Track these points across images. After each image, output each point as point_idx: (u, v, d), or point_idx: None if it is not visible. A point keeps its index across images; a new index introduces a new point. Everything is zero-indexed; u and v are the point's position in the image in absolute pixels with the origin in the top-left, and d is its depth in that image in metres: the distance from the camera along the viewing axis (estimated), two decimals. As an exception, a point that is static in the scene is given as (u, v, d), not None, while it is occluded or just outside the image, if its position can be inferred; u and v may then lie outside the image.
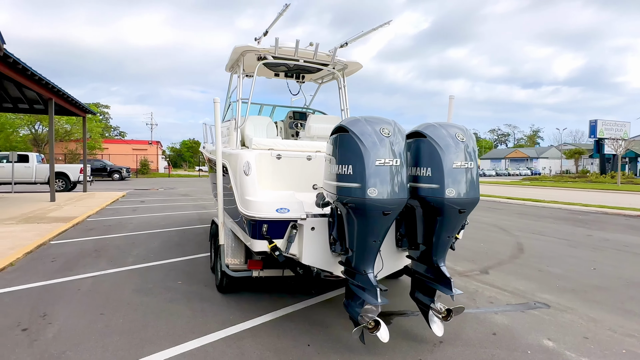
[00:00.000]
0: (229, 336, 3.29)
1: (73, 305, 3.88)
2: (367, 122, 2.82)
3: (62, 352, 2.92)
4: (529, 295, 4.63)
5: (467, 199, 3.00)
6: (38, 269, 5.12)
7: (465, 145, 3.04)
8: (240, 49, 5.40)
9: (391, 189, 2.74)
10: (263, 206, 3.23)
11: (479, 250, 6.97)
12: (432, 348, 3.21)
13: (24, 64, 9.44)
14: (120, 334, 3.27)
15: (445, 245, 3.24)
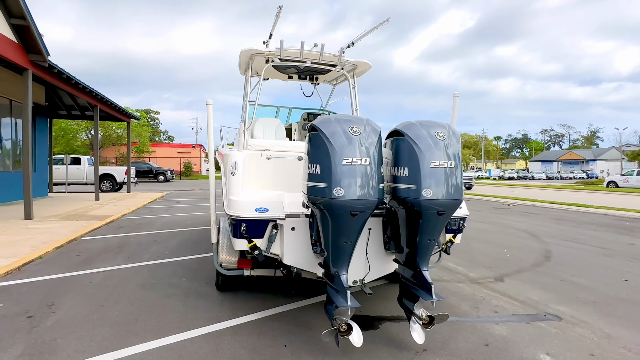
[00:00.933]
0: (211, 333, 3.35)
1: (79, 297, 4.15)
2: (337, 122, 2.77)
3: (53, 339, 3.14)
4: (541, 306, 4.30)
5: (446, 200, 2.85)
6: (61, 262, 5.53)
7: (445, 144, 2.90)
8: (246, 52, 5.51)
9: (359, 189, 2.67)
10: (243, 205, 3.28)
11: (499, 257, 6.59)
12: (412, 356, 3.07)
13: (67, 74, 10.26)
14: (112, 325, 3.45)
15: (426, 249, 3.09)
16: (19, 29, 8.23)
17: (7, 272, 4.88)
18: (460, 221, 3.87)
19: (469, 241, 7.97)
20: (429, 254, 3.12)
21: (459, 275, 5.44)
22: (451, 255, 6.58)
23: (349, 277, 3.50)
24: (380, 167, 2.84)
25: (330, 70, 6.14)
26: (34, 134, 14.80)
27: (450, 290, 4.77)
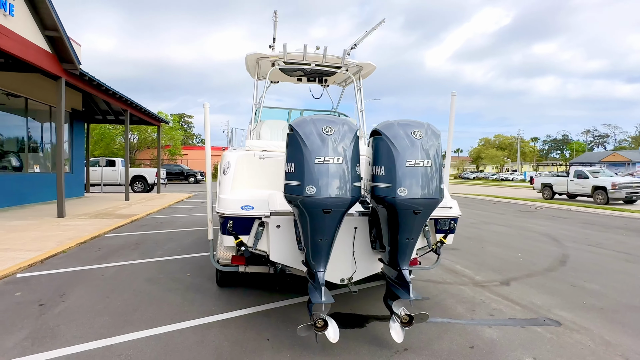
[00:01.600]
0: (200, 325, 3.51)
1: (89, 289, 4.44)
2: (313, 122, 2.85)
3: (56, 325, 3.40)
4: (543, 311, 4.16)
5: (422, 199, 2.85)
6: (81, 257, 5.91)
7: (422, 143, 2.90)
8: (251, 56, 5.69)
9: (332, 188, 2.72)
10: (230, 203, 3.41)
11: (511, 261, 6.39)
12: (391, 355, 3.08)
13: (98, 81, 10.93)
14: (112, 315, 3.68)
15: (405, 248, 3.10)
16: (53, 40, 8.87)
17: (31, 264, 5.28)
18: (451, 221, 3.82)
19: (483, 244, 7.77)
20: (408, 252, 3.12)
21: (464, 278, 5.34)
22: (461, 258, 6.47)
23: (336, 276, 3.57)
24: (355, 166, 2.88)
25: (335, 72, 6.22)
26: (71, 138, 15.82)
27: (450, 293, 4.70)
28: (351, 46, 5.77)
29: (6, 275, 4.78)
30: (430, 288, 4.88)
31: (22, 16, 7.86)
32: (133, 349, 3.01)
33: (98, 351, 2.97)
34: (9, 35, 7.43)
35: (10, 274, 4.85)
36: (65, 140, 15.63)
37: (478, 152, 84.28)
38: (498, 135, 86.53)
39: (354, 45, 5.73)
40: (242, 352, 3.02)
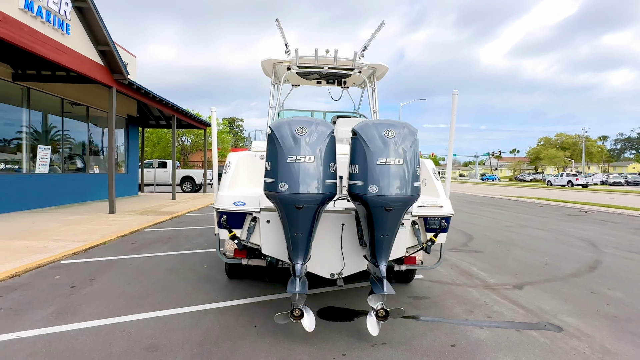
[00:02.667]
0: (200, 310, 3.84)
1: (116, 275, 4.98)
2: (288, 124, 3.04)
3: (79, 304, 3.90)
4: (548, 316, 3.99)
5: (392, 196, 2.93)
6: (118, 248, 6.58)
7: (394, 142, 2.99)
8: (266, 61, 6.01)
9: (302, 185, 2.90)
10: (224, 199, 3.70)
11: (535, 265, 6.10)
12: (368, 347, 3.18)
13: (145, 89, 11.93)
14: (127, 298, 4.14)
15: (381, 244, 3.18)
16: (104, 54, 9.88)
17: (74, 253, 6.00)
18: (442, 220, 3.82)
19: (511, 248, 7.45)
20: (384, 248, 3.20)
21: (475, 280, 5.22)
22: (480, 261, 6.29)
23: (327, 270, 3.73)
24: (329, 164, 3.03)
25: (350, 75, 6.35)
26: (127, 142, 17.32)
27: (454, 294, 4.64)
28: (362, 48, 5.88)
29: (52, 261, 5.49)
30: (435, 288, 4.85)
31: (78, 34, 8.87)
32: (135, 327, 3.39)
33: (106, 327, 3.39)
34: (65, 51, 8.43)
35: (56, 260, 5.55)
36: (122, 143, 17.16)
37: (537, 152, 78.92)
38: (560, 134, 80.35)
39: (364, 47, 5.83)
40: (228, 336, 3.29)
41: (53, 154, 12.34)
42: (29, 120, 11.18)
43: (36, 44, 7.53)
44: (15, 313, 3.65)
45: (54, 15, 7.94)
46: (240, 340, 3.21)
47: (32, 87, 11.08)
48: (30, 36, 7.35)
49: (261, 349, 3.08)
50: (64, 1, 8.22)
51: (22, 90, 10.86)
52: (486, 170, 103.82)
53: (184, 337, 3.24)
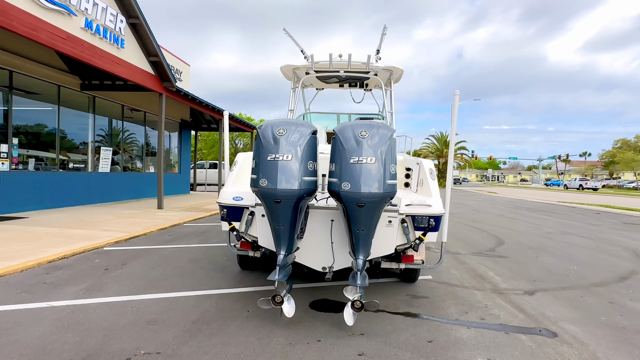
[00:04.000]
0: (204, 295, 4.24)
1: (145, 261, 5.59)
2: (270, 125, 3.32)
3: (106, 284, 4.49)
4: (548, 322, 3.86)
5: (363, 193, 3.09)
6: (155, 239, 7.30)
7: (367, 141, 3.14)
8: (285, 67, 6.37)
9: (279, 180, 3.15)
10: (225, 195, 4.07)
11: (559, 273, 5.80)
12: (345, 336, 3.35)
13: (192, 95, 12.92)
14: (147, 280, 4.67)
15: (358, 239, 3.34)
16: (155, 64, 10.90)
17: (117, 241, 6.78)
18: (430, 219, 3.87)
19: (540, 254, 7.10)
20: (362, 243, 3.35)
21: (486, 284, 5.12)
22: (501, 266, 6.11)
23: (319, 264, 3.96)
24: (307, 162, 3.26)
25: (367, 77, 6.51)
26: (180, 144, 18.73)
27: (456, 295, 4.62)
28: (376, 51, 6.01)
29: (96, 247, 6.27)
30: (439, 289, 4.85)
31: (131, 47, 9.91)
32: (144, 304, 3.87)
33: (121, 302, 3.90)
34: (120, 63, 9.47)
35: (100, 247, 6.34)
36: (175, 145, 18.60)
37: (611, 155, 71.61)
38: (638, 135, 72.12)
39: (377, 51, 5.96)
40: (220, 317, 3.64)
41: (114, 155, 13.79)
42: (94, 125, 12.63)
43: (95, 58, 8.57)
44: (54, 287, 4.32)
45: (110, 32, 8.99)
46: (229, 321, 3.55)
47: (97, 96, 12.50)
48: (90, 51, 8.40)
49: (245, 330, 3.38)
50: (119, 19, 9.26)
51: (89, 98, 12.31)
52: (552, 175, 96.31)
53: (182, 315, 3.65)
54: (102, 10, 8.66)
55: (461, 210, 15.62)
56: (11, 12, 6.46)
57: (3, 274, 4.64)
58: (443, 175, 39.60)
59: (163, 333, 3.25)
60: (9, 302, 3.84)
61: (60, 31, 7.50)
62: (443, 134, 39.70)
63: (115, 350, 2.93)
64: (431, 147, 40.82)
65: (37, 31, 6.98)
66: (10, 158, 9.46)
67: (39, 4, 6.99)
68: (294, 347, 3.10)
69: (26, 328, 3.25)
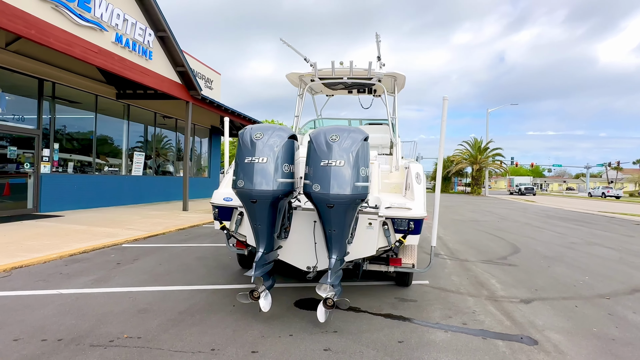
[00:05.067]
0: (198, 289, 4.51)
1: (155, 258, 5.98)
2: (250, 130, 3.54)
3: (114, 276, 4.88)
4: (533, 330, 3.78)
5: (332, 194, 3.23)
6: (171, 238, 7.74)
7: (336, 145, 3.28)
8: (290, 75, 6.61)
9: (255, 182, 3.35)
10: (217, 196, 4.33)
11: (567, 282, 5.58)
12: (317, 332, 3.47)
13: (217, 102, 13.52)
14: (151, 275, 5.02)
15: (330, 239, 3.47)
16: (181, 74, 11.56)
17: (135, 239, 7.27)
18: (410, 222, 3.92)
19: (554, 264, 6.83)
20: (333, 243, 3.47)
21: (483, 291, 5.05)
22: (506, 274, 5.97)
23: (303, 263, 4.12)
24: (283, 165, 3.44)
25: (371, 84, 6.62)
26: (210, 149, 19.53)
27: (446, 300, 4.60)
28: (377, 58, 6.12)
29: (116, 244, 6.77)
30: (432, 294, 4.84)
31: (159, 59, 10.59)
32: (141, 295, 4.20)
33: (120, 293, 4.26)
34: (148, 74, 10.15)
35: (119, 243, 6.84)
36: (205, 151, 19.43)
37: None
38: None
39: (378, 57, 6.06)
40: (205, 310, 3.88)
41: (147, 159, 14.66)
42: (128, 131, 13.53)
43: (125, 69, 9.27)
44: (68, 277, 4.76)
45: (139, 45, 9.68)
46: (212, 314, 3.78)
47: (131, 104, 13.40)
48: (120, 63, 9.10)
49: (224, 322, 3.60)
50: (148, 32, 9.95)
51: (124, 106, 13.22)
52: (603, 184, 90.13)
53: (172, 306, 3.92)
54: (132, 25, 9.36)
55: (487, 218, 15.15)
56: (48, 29, 7.18)
57: (28, 264, 5.17)
58: (477, 182, 38.32)
59: (149, 321, 3.53)
60: (26, 288, 4.30)
61: (92, 45, 8.21)
62: (477, 140, 38.51)
63: (103, 333, 3.23)
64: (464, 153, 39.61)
65: (71, 46, 7.69)
66: (52, 162, 10.38)
67: (73, 21, 7.70)
68: (265, 340, 3.27)
69: (33, 311, 3.65)
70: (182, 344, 3.11)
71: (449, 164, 40.49)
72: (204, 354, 2.96)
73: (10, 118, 9.37)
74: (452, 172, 39.07)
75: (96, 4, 8.21)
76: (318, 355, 3.05)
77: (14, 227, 7.71)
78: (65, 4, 7.48)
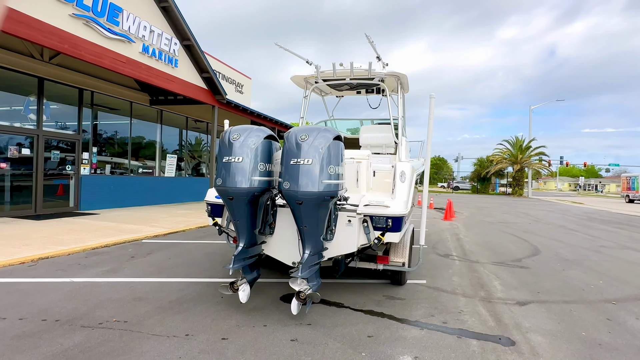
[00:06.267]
0: (194, 282, 4.80)
1: (167, 253, 6.39)
2: (229, 131, 3.75)
3: (123, 268, 5.31)
4: (516, 331, 3.70)
5: (300, 192, 3.37)
6: (189, 235, 8.19)
7: (305, 144, 3.42)
8: (295, 77, 6.80)
9: (230, 180, 3.56)
10: (210, 194, 4.60)
11: (575, 286, 5.32)
12: (291, 324, 3.61)
13: (243, 106, 14.03)
14: (157, 268, 5.40)
15: (303, 234, 3.61)
16: (207, 80, 12.15)
17: (156, 235, 7.78)
18: (388, 220, 3.95)
19: (571, 267, 6.50)
20: (306, 239, 3.60)
21: (480, 293, 4.94)
22: (513, 276, 5.81)
23: (289, 258, 4.29)
24: (258, 164, 3.62)
25: (376, 84, 6.66)
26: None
27: (437, 300, 4.56)
28: (376, 58, 6.15)
29: (136, 239, 7.30)
30: (423, 293, 4.82)
31: (185, 66, 11.21)
32: (140, 285, 4.55)
33: (123, 282, 4.64)
34: (174, 80, 10.79)
35: (139, 239, 7.36)
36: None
37: None
38: None
39: (378, 57, 6.09)
40: (194, 300, 4.14)
41: (179, 161, 15.48)
42: (161, 134, 14.38)
43: (151, 77, 9.93)
44: (84, 268, 5.25)
45: (165, 54, 10.32)
46: (199, 304, 4.04)
47: (164, 109, 14.23)
48: (147, 72, 9.76)
49: (208, 311, 3.84)
50: (173, 42, 10.58)
51: (157, 112, 14.08)
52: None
53: (165, 296, 4.23)
54: (158, 36, 10.00)
55: (519, 220, 14.49)
56: (80, 43, 7.89)
57: (54, 256, 5.74)
58: (518, 183, 36.44)
59: (140, 308, 3.85)
60: (45, 276, 4.80)
61: (121, 56, 8.89)
62: (519, 139, 36.57)
63: (96, 316, 3.58)
64: (504, 153, 37.78)
65: (101, 58, 8.38)
66: (91, 164, 11.30)
67: (103, 35, 8.39)
68: (239, 329, 3.47)
69: (44, 295, 4.10)
70: (161, 329, 3.38)
71: (488, 164, 38.81)
72: (177, 339, 3.21)
73: (53, 125, 10.33)
74: (491, 172, 37.40)
75: (124, 17, 8.89)
76: (283, 345, 3.19)
77: (53, 223, 8.52)
78: (95, 20, 8.18)
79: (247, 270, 4.00)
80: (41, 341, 3.05)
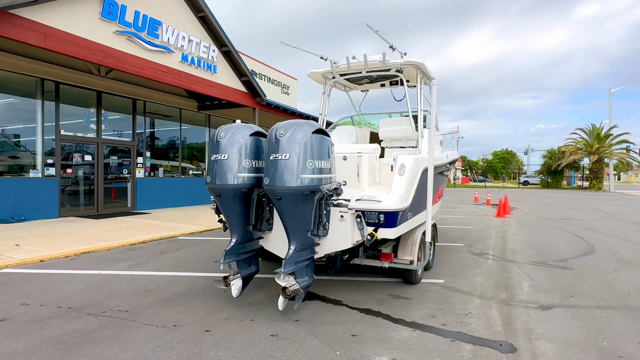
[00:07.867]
0: (205, 276, 5.00)
1: (192, 249, 6.73)
2: (219, 130, 3.85)
3: (148, 262, 5.70)
4: (523, 338, 3.34)
5: (278, 187, 3.36)
6: (214, 234, 8.53)
7: (284, 139, 3.39)
8: (312, 74, 6.77)
9: (218, 177, 3.65)
10: (214, 190, 4.76)
11: (618, 291, 4.67)
12: (280, 319, 3.61)
13: (283, 106, 14.32)
14: (178, 262, 5.71)
15: (287, 230, 3.58)
16: (247, 83, 12.59)
17: (192, 232, 8.25)
18: (380, 215, 3.78)
19: (626, 269, 5.72)
20: (290, 234, 3.56)
21: (501, 294, 4.54)
22: (549, 277, 5.32)
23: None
24: (242, 160, 3.66)
25: (392, 75, 6.41)
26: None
27: (447, 301, 4.26)
28: (390, 48, 5.90)
29: (172, 236, 7.80)
30: (433, 293, 4.53)
31: (223, 71, 11.73)
32: (155, 279, 4.85)
33: (142, 275, 4.98)
34: (214, 86, 11.34)
35: (175, 236, 7.86)
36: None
37: None
38: None
39: (391, 47, 5.83)
40: (197, 293, 4.31)
41: (228, 163, 16.23)
42: (209, 138, 15.19)
43: (192, 84, 10.54)
44: (115, 262, 5.73)
45: (204, 61, 10.89)
46: (199, 297, 4.20)
47: (211, 114, 15.03)
48: (187, 79, 10.38)
49: (205, 304, 3.98)
50: (212, 49, 11.12)
51: (205, 116, 14.91)
52: None
53: (172, 288, 4.47)
54: (196, 45, 10.59)
55: (586, 216, 13.00)
56: (124, 57, 8.63)
57: (94, 250, 6.35)
58: (596, 175, 32.51)
59: (145, 299, 4.11)
60: (79, 268, 5.33)
61: (161, 66, 9.57)
62: (596, 127, 32.57)
63: (104, 305, 3.90)
64: (577, 143, 33.95)
65: (143, 69, 9.09)
66: (145, 167, 12.30)
67: (144, 47, 9.09)
68: (226, 322, 3.55)
69: (70, 285, 4.55)
70: (154, 319, 3.58)
71: (560, 156, 35.19)
72: (164, 329, 3.37)
73: (111, 133, 11.42)
74: (563, 164, 33.81)
75: (163, 30, 9.55)
76: (261, 339, 3.20)
77: (108, 221, 9.42)
78: (136, 35, 8.89)
79: (242, 265, 4.07)
80: (48, 326, 3.39)
